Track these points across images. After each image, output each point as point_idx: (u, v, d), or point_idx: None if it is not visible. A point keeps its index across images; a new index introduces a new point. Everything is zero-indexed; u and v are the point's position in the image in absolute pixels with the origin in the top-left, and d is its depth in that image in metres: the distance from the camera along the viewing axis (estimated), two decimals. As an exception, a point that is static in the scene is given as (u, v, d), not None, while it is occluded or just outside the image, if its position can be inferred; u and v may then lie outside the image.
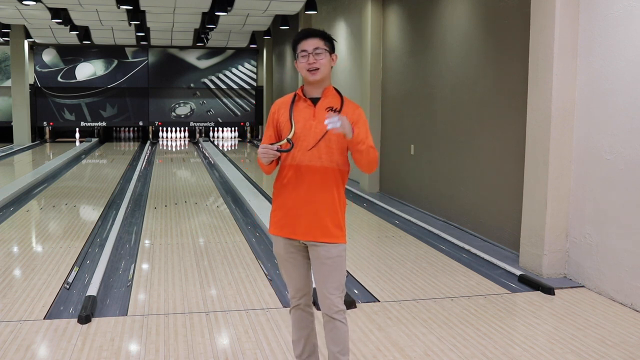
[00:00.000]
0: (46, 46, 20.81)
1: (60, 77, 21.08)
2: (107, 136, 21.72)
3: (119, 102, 21.36)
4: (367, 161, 2.73)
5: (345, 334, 2.83)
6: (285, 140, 2.75)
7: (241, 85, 22.28)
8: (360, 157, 2.72)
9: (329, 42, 2.80)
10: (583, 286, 4.79)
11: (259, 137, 22.33)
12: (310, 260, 2.87)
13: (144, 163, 14.17)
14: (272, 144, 2.75)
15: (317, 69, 2.74)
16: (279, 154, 2.75)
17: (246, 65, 22.26)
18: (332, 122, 2.56)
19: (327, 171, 2.75)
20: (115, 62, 21.25)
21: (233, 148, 19.64)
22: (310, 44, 2.75)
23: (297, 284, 2.94)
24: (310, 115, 2.77)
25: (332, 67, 2.80)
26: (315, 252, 2.79)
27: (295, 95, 2.85)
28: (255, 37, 20.06)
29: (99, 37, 18.51)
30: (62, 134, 21.69)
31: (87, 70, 21.24)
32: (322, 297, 2.82)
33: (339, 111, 2.75)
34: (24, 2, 12.13)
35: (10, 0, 12.91)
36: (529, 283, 4.85)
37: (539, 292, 4.69)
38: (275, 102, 2.94)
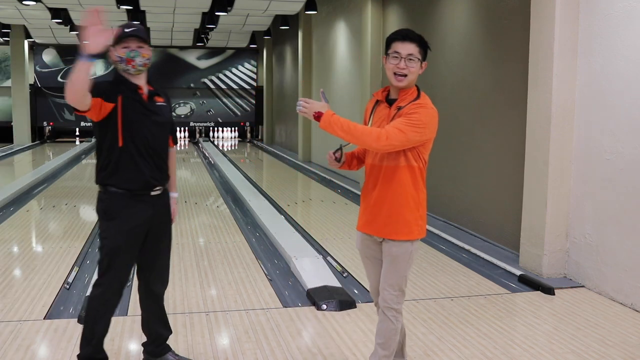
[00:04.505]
0: (46, 46, 20.82)
1: (60, 77, 21.07)
2: (107, 136, 21.69)
3: (119, 102, 21.33)
4: (351, 136, 2.68)
5: (391, 331, 2.86)
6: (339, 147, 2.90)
7: (241, 85, 22.29)
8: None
9: (424, 49, 2.79)
10: (583, 286, 4.79)
11: (259, 137, 22.34)
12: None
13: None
14: (334, 151, 2.90)
15: (405, 75, 2.75)
16: (341, 160, 2.93)
17: (246, 65, 22.27)
18: (298, 106, 2.72)
19: (393, 169, 2.78)
20: (116, 62, 21.23)
21: (233, 148, 19.64)
22: (405, 49, 2.75)
23: (372, 282, 3.00)
24: (385, 116, 2.82)
25: (420, 74, 2.79)
26: (384, 248, 2.85)
27: (377, 101, 2.91)
28: (255, 37, 20.06)
29: (99, 37, 18.48)
30: (62, 134, 21.69)
31: (87, 70, 21.20)
32: (380, 290, 2.90)
33: (398, 108, 2.76)
34: (24, 2, 12.14)
35: (10, 0, 12.92)
36: (529, 283, 4.85)
37: (539, 292, 4.69)
38: (370, 100, 3.02)
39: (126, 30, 2.94)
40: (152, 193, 3.05)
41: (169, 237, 3.23)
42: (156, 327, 3.25)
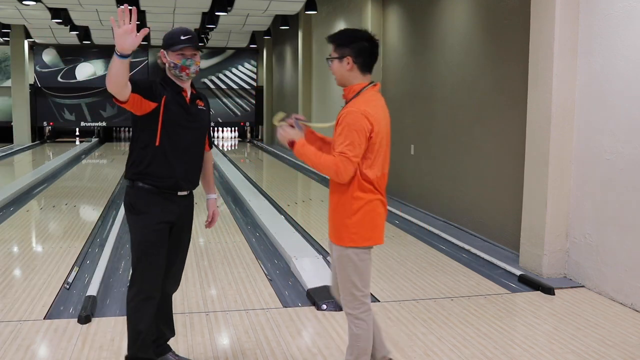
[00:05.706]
0: (46, 46, 20.81)
1: (60, 77, 21.08)
2: (107, 136, 21.72)
3: (119, 102, 21.32)
4: (317, 168, 2.71)
5: (352, 336, 2.84)
6: None
7: (241, 85, 22.29)
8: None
9: (342, 45, 2.78)
10: (583, 286, 4.79)
11: (259, 137, 22.34)
12: None
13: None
14: None
15: (334, 75, 2.83)
16: None
17: (246, 65, 22.27)
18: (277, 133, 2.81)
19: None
20: (116, 62, 21.22)
21: (233, 148, 19.64)
22: None
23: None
24: None
25: (348, 70, 2.77)
26: None
27: None
28: (255, 37, 20.06)
29: (99, 37, 18.50)
30: (62, 134, 21.70)
31: (87, 70, 21.24)
32: None
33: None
34: (24, 2, 12.14)
35: (10, 0, 12.92)
36: (529, 283, 4.85)
37: (539, 292, 4.69)
38: None
39: (182, 37, 2.96)
40: (180, 193, 3.07)
41: (188, 239, 3.26)
42: (160, 327, 3.25)
